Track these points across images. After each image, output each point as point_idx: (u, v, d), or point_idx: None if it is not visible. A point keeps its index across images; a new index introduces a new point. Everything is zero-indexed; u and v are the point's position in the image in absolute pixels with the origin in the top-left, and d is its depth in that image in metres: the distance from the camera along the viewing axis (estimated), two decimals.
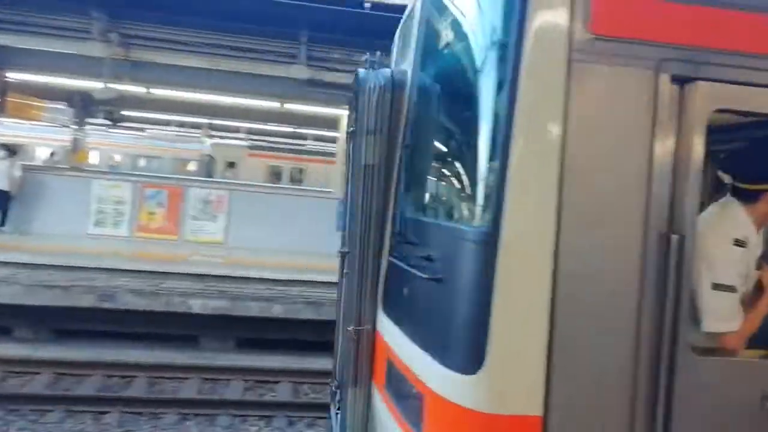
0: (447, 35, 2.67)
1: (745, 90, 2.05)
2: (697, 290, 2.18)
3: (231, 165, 25.46)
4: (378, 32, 11.77)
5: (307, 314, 9.52)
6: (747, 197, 2.38)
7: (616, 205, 2.00)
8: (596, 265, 1.99)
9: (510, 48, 1.96)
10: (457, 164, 2.51)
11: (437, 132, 2.83)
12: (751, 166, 2.44)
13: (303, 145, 28.41)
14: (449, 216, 2.56)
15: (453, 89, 2.59)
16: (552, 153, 1.92)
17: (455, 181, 2.52)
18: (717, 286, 2.21)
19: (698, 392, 2.05)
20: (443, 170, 2.76)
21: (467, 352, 1.99)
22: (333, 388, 3.61)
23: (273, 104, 15.49)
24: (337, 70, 12.44)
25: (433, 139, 2.87)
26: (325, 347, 9.94)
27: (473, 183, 2.22)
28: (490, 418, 1.90)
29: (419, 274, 2.36)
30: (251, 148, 26.20)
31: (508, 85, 1.95)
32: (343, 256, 3.40)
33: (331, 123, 18.30)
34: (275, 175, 25.59)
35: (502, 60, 2.04)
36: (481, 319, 1.91)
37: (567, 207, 1.93)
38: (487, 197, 2.04)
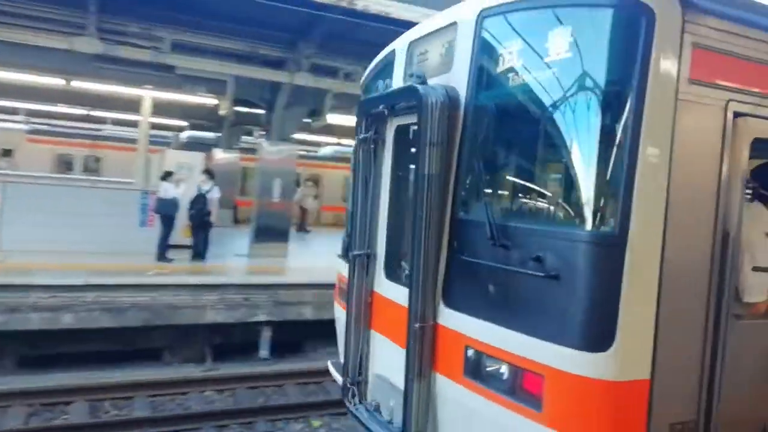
0: (535, 64, 2.91)
1: None
2: (741, 272, 2.89)
3: (6, 153, 21.68)
4: (178, 5, 10.84)
5: (105, 322, 8.50)
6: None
7: (699, 209, 2.66)
8: (685, 256, 2.61)
9: (635, 83, 2.51)
10: (580, 179, 2.73)
11: (541, 150, 3.09)
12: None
13: (100, 130, 25.35)
14: (569, 222, 2.80)
15: (560, 114, 2.85)
16: (664, 169, 2.52)
17: (577, 194, 2.75)
18: (756, 269, 2.96)
19: (741, 348, 2.77)
20: (558, 184, 2.96)
21: (600, 335, 2.44)
22: (348, 384, 4.00)
23: (57, 81, 13.43)
24: (136, 46, 11.15)
25: (535, 155, 3.15)
26: (128, 357, 9.02)
27: (599, 196, 2.61)
28: (614, 385, 2.40)
29: (530, 272, 2.71)
30: (32, 132, 22.59)
31: (633, 112, 2.50)
32: (353, 258, 3.97)
33: (132, 105, 16.53)
34: (65, 164, 22.49)
35: (626, 92, 2.54)
36: (612, 308, 2.43)
37: (670, 210, 2.52)
38: (615, 207, 2.52)
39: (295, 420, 7.28)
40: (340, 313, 4.72)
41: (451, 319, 3.21)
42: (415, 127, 3.35)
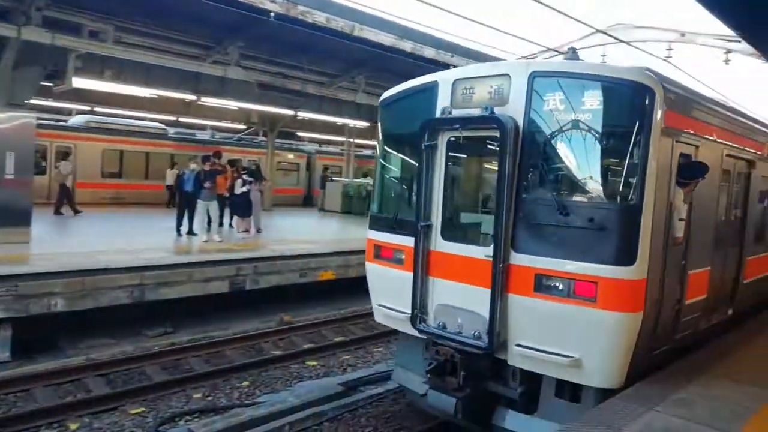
0: (573, 116, 5.00)
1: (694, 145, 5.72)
2: (673, 221, 5.29)
3: None
4: None
5: None
6: (681, 185, 5.39)
7: (663, 192, 4.97)
8: (659, 216, 4.91)
9: (644, 133, 4.74)
10: (617, 179, 4.96)
11: (569, 169, 5.26)
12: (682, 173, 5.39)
13: None
14: (611, 200, 5.03)
15: (586, 149, 5.08)
16: (655, 170, 4.75)
17: (616, 187, 4.99)
18: (680, 220, 5.41)
19: (672, 258, 5.36)
20: (602, 181, 5.11)
21: (629, 258, 4.66)
22: (417, 313, 5.74)
23: None
24: None
25: (564, 172, 5.30)
26: None
27: (628, 187, 4.82)
28: (635, 282, 4.65)
29: (579, 222, 4.88)
30: None
31: (642, 151, 4.75)
32: (421, 228, 5.71)
33: None
34: None
35: (635, 139, 4.79)
36: (635, 244, 4.66)
37: (657, 194, 4.82)
38: (636, 192, 4.74)
39: (47, 426, 6.47)
40: (372, 269, 6.56)
41: (521, 259, 5.12)
42: (462, 138, 5.79)
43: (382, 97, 6.80)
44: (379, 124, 6.81)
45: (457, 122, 5.65)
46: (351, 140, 25.82)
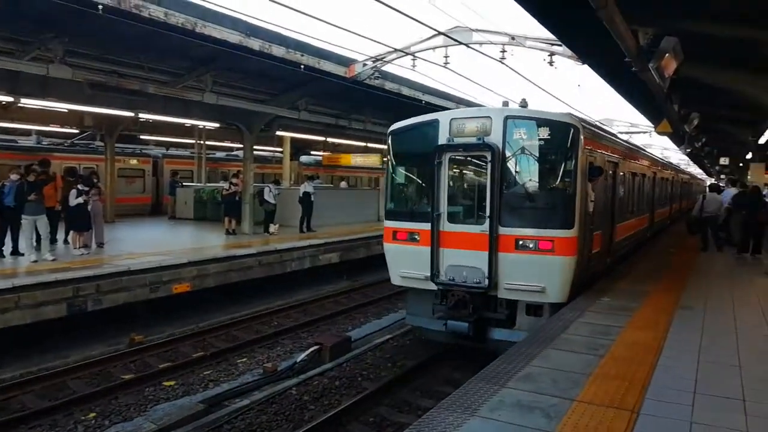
0: (528, 142, 8.24)
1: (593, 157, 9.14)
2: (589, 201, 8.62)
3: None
4: None
5: None
6: (590, 181, 8.60)
7: (584, 186, 8.31)
8: (583, 200, 8.29)
9: (575, 151, 8.11)
10: (559, 180, 8.33)
11: (528, 175, 8.47)
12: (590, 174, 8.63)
13: None
14: (559, 192, 8.28)
15: (540, 156, 8.37)
16: (581, 175, 8.16)
17: (559, 185, 8.33)
18: (591, 201, 8.71)
19: (588, 224, 8.84)
20: (550, 183, 8.44)
21: (570, 224, 7.99)
22: (435, 272, 8.62)
23: None
24: None
25: (528, 178, 8.46)
26: None
27: (566, 184, 8.22)
28: (573, 239, 7.99)
29: (541, 205, 8.26)
30: None
31: (578, 163, 8.11)
32: (435, 215, 8.62)
33: None
34: None
35: (570, 149, 8.13)
36: (573, 217, 8.02)
37: (583, 188, 8.25)
38: (572, 186, 8.14)
39: None
40: (390, 248, 9.28)
41: (507, 231, 8.14)
42: (460, 156, 8.86)
43: (391, 128, 9.54)
44: (391, 148, 9.56)
45: (460, 147, 8.66)
46: (201, 142, 24.56)
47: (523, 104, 9.53)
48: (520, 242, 8.07)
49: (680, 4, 8.11)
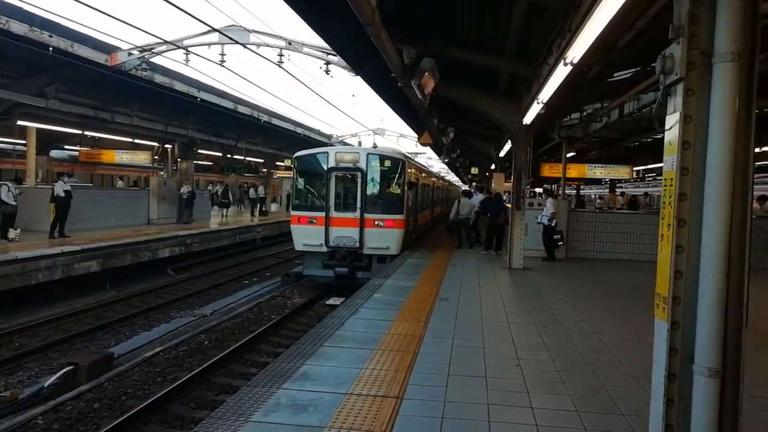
0: (380, 168, 14.80)
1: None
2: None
3: None
4: None
5: None
6: (408, 188, 15.68)
7: (408, 193, 16.11)
8: (408, 200, 16.48)
9: (404, 172, 14.89)
10: (391, 190, 14.92)
11: (379, 186, 14.86)
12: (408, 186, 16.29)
13: None
14: (393, 193, 14.89)
15: (383, 175, 14.86)
16: (406, 185, 14.99)
17: (392, 193, 14.91)
18: (409, 199, 15.83)
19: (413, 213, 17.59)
20: (386, 193, 14.92)
21: (400, 212, 14.68)
22: (327, 240, 14.40)
23: None
24: None
25: (379, 183, 14.88)
26: None
27: (398, 189, 14.92)
28: (402, 219, 14.71)
29: (386, 202, 14.73)
30: None
31: (404, 176, 14.89)
32: (327, 207, 14.51)
33: None
34: None
35: (400, 172, 14.85)
36: (402, 207, 14.76)
37: (408, 193, 15.63)
38: (401, 190, 14.88)
39: None
40: (296, 228, 14.73)
41: (369, 216, 14.35)
42: (342, 174, 14.66)
43: (296, 155, 15.15)
44: (296, 166, 14.98)
45: (341, 169, 14.36)
46: None
47: (375, 146, 20.84)
48: (375, 222, 14.10)
49: (433, 29, 9.13)
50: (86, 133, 22.76)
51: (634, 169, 25.88)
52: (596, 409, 4.62)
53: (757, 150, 18.44)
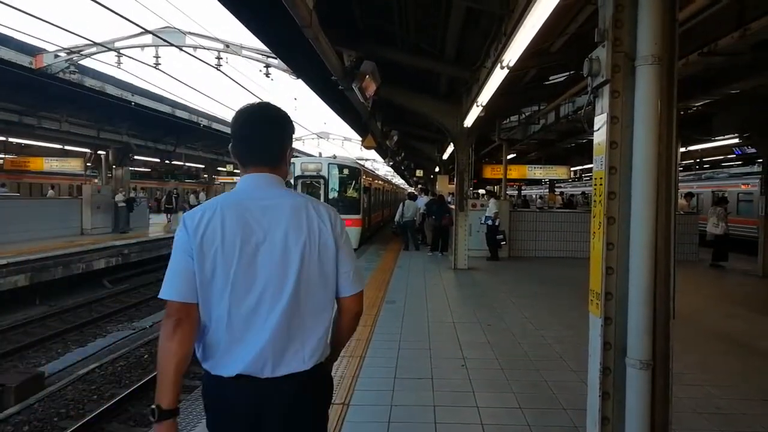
0: (339, 175, 18.53)
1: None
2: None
3: None
4: None
5: None
6: (363, 192, 19.61)
7: (368, 194, 22.15)
8: (370, 202, 23.37)
9: (360, 178, 18.80)
10: (350, 194, 18.57)
11: (339, 191, 18.59)
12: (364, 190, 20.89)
13: None
14: (349, 199, 18.45)
15: (342, 182, 18.61)
16: (362, 189, 19.00)
17: (351, 194, 18.60)
18: (365, 201, 20.08)
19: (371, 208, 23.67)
20: (345, 196, 18.46)
21: (358, 212, 18.36)
22: None
23: None
24: None
25: (339, 188, 18.64)
26: None
27: (356, 194, 18.66)
28: (360, 219, 18.56)
29: (346, 204, 18.01)
30: None
31: (361, 182, 18.82)
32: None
33: None
34: None
35: (357, 178, 18.71)
36: (360, 207, 18.56)
37: (363, 195, 19.55)
38: (357, 196, 18.60)
39: None
40: None
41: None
42: (309, 181, 18.30)
43: None
44: None
45: (307, 177, 17.87)
46: None
47: (334, 157, 20.78)
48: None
49: (373, 32, 9.15)
50: (10, 139, 21.48)
51: (572, 169, 26.84)
52: (539, 404, 4.72)
53: (682, 150, 19.57)
